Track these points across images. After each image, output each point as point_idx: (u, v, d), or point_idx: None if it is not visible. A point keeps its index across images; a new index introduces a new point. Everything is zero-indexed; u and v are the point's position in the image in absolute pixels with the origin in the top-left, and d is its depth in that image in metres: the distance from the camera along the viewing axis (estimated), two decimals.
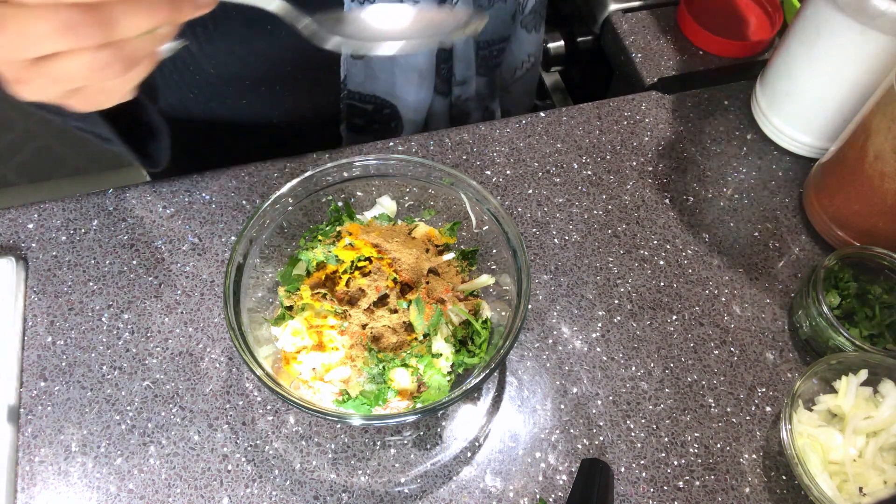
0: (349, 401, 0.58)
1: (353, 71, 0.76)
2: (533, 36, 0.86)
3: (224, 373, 0.63)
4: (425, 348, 0.60)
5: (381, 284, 0.62)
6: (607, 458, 0.61)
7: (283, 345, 0.61)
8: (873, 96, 0.65)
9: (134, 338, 0.65)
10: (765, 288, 0.71)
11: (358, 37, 0.46)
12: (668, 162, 0.79)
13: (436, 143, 0.79)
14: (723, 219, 0.75)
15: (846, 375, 0.61)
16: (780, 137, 0.81)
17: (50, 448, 0.59)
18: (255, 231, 0.60)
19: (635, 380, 0.65)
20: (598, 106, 0.83)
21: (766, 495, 0.60)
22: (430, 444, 0.61)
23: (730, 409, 0.64)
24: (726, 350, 0.67)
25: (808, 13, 0.71)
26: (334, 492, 0.59)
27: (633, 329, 0.68)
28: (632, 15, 0.93)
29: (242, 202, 0.73)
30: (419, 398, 0.59)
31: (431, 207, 0.67)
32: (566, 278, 0.70)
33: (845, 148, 0.69)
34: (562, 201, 0.75)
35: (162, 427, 0.61)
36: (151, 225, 0.71)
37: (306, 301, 0.61)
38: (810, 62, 0.73)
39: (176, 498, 0.58)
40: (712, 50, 0.89)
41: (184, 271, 0.69)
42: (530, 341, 0.67)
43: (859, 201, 0.68)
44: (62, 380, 0.62)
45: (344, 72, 0.76)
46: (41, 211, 0.71)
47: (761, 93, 0.82)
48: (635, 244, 0.73)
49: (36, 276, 0.67)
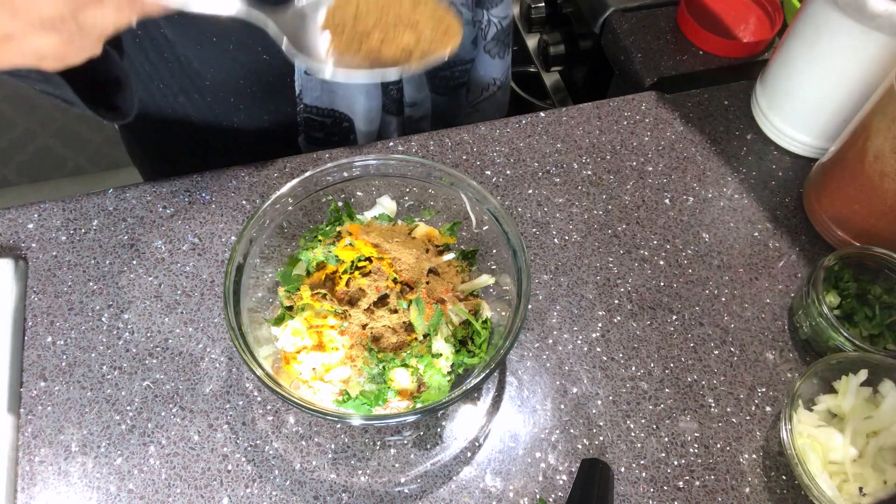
0: (349, 401, 0.58)
1: (308, 86, 0.77)
2: (497, 62, 0.86)
3: (224, 373, 0.63)
4: (425, 348, 0.60)
5: (381, 284, 0.62)
6: (607, 458, 0.61)
7: (283, 345, 0.61)
8: (873, 96, 0.65)
9: (134, 338, 0.65)
10: (765, 288, 0.71)
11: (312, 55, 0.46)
12: (668, 162, 0.79)
13: (436, 143, 0.79)
14: (723, 219, 0.75)
15: (846, 375, 0.61)
16: (780, 137, 0.81)
17: (50, 448, 0.59)
18: (255, 231, 0.60)
19: (635, 380, 0.65)
20: (598, 106, 0.83)
21: (766, 495, 0.60)
22: (430, 444, 0.61)
23: (730, 409, 0.64)
24: (726, 350, 0.67)
25: (808, 13, 0.71)
26: (334, 492, 0.59)
27: (633, 329, 0.68)
28: (632, 15, 0.93)
29: (242, 202, 0.73)
30: (419, 398, 0.59)
31: (431, 207, 0.67)
32: (566, 278, 0.70)
33: (845, 148, 0.69)
34: (562, 201, 0.75)
35: (162, 427, 0.61)
36: (151, 225, 0.71)
37: (306, 301, 0.61)
38: (810, 62, 0.73)
39: (176, 498, 0.58)
40: (712, 50, 0.89)
41: (184, 271, 0.69)
42: (530, 341, 0.67)
43: (859, 201, 0.68)
44: (62, 380, 0.62)
45: (299, 86, 0.77)
46: (41, 211, 0.71)
47: (761, 93, 0.82)
48: (635, 244, 0.73)
49: (36, 276, 0.67)
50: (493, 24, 0.80)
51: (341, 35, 0.45)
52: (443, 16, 0.47)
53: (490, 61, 0.86)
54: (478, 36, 0.83)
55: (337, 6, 0.45)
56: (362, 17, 0.45)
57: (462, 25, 0.48)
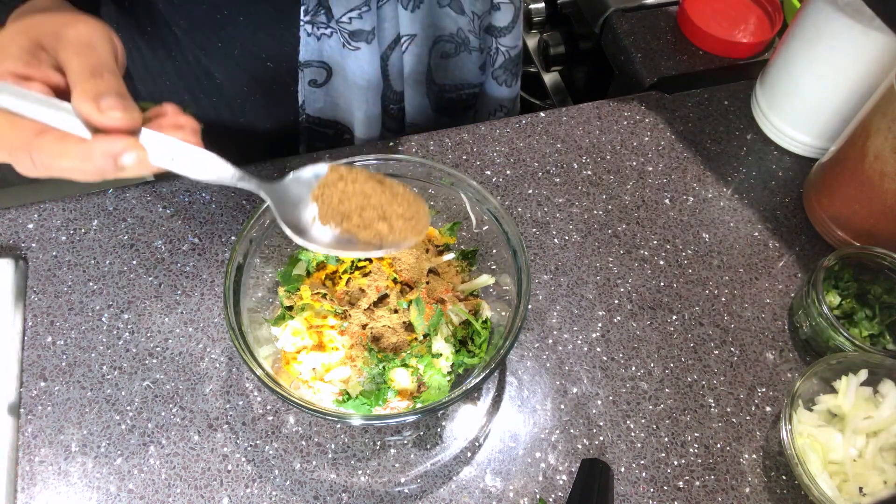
0: (349, 401, 0.58)
1: (311, 97, 0.77)
2: (504, 90, 0.87)
3: (224, 373, 0.63)
4: (425, 348, 0.60)
5: (382, 284, 0.62)
6: (607, 458, 0.61)
7: (283, 345, 0.61)
8: (873, 96, 0.65)
9: (134, 338, 0.65)
10: (765, 288, 0.71)
11: None
12: (668, 162, 0.79)
13: (436, 143, 0.79)
14: (723, 219, 0.75)
15: (846, 375, 0.61)
16: (780, 137, 0.81)
17: (50, 448, 0.59)
18: (255, 231, 0.60)
19: (635, 380, 0.65)
20: (598, 106, 0.83)
21: (766, 495, 0.60)
22: (430, 444, 0.61)
23: (730, 409, 0.64)
24: (726, 350, 0.67)
25: (808, 13, 0.71)
26: (334, 492, 0.59)
27: (633, 329, 0.68)
28: (632, 15, 0.93)
29: (242, 202, 0.73)
30: (419, 398, 0.59)
31: (431, 207, 0.67)
32: (566, 278, 0.70)
33: (845, 148, 0.69)
34: (562, 201, 0.75)
35: (162, 427, 0.61)
36: (151, 225, 0.71)
37: (306, 301, 0.61)
38: (810, 62, 0.73)
39: (176, 498, 0.58)
40: (712, 50, 0.89)
41: (184, 271, 0.69)
42: (530, 341, 0.67)
43: (859, 201, 0.68)
44: (62, 380, 0.62)
45: (302, 97, 0.77)
46: (41, 211, 0.71)
47: (761, 93, 0.82)
48: (635, 244, 0.73)
49: (36, 276, 0.67)
50: (500, 52, 0.81)
51: (326, 210, 0.50)
52: (416, 210, 0.53)
53: (498, 87, 0.86)
54: (486, 62, 0.84)
55: (325, 185, 0.51)
56: (346, 200, 0.51)
57: (428, 219, 0.53)
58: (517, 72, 0.86)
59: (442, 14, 0.76)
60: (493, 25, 0.79)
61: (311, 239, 0.50)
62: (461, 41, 0.79)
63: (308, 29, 0.69)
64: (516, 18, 0.78)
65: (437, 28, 0.77)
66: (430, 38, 0.77)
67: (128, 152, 0.39)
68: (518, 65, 0.85)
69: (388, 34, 0.73)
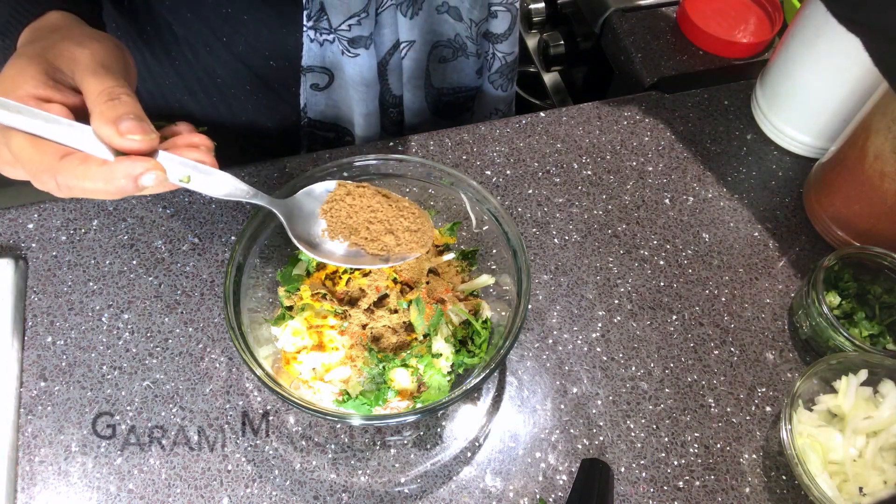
0: (349, 401, 0.58)
1: (313, 100, 0.77)
2: (500, 94, 0.88)
3: (224, 373, 0.63)
4: (425, 348, 0.60)
5: (381, 284, 0.62)
6: (607, 458, 0.61)
7: (283, 345, 0.61)
8: (873, 96, 0.65)
9: (134, 338, 0.65)
10: (765, 288, 0.71)
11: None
12: (668, 162, 0.79)
13: (436, 143, 0.79)
14: (723, 219, 0.75)
15: (846, 375, 0.61)
16: (780, 137, 0.81)
17: (50, 448, 0.59)
18: (255, 231, 0.60)
19: (635, 380, 0.65)
20: (598, 106, 0.83)
21: (766, 495, 0.60)
22: (430, 444, 0.61)
23: (730, 409, 0.64)
24: (726, 350, 0.67)
25: (808, 13, 0.71)
26: (334, 492, 0.59)
27: (633, 329, 0.68)
28: (632, 15, 0.93)
29: (242, 202, 0.73)
30: (419, 398, 0.59)
31: (431, 207, 0.67)
32: (566, 278, 0.70)
33: (845, 148, 0.69)
34: (562, 201, 0.75)
35: (162, 427, 0.61)
36: (151, 225, 0.71)
37: (306, 301, 0.61)
38: (810, 62, 0.73)
39: (176, 498, 0.58)
40: (712, 50, 0.89)
41: (184, 271, 0.69)
42: (530, 341, 0.67)
43: (859, 201, 0.68)
44: (62, 380, 0.62)
45: (303, 100, 0.77)
46: (41, 211, 0.71)
47: (761, 93, 0.82)
48: (635, 244, 0.73)
49: (36, 276, 0.67)
50: (497, 57, 0.83)
51: (335, 224, 0.54)
52: (421, 223, 0.56)
53: (494, 92, 0.88)
54: (483, 67, 0.85)
55: (334, 200, 0.54)
56: (354, 214, 0.54)
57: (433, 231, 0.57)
58: (513, 76, 0.88)
59: (440, 20, 0.76)
60: (491, 32, 0.80)
61: (321, 252, 0.53)
62: (459, 46, 0.80)
63: (311, 35, 0.69)
64: (513, 25, 0.79)
65: (435, 34, 0.78)
66: (429, 43, 0.78)
67: (148, 173, 0.42)
68: (514, 70, 0.87)
69: (387, 40, 0.73)
